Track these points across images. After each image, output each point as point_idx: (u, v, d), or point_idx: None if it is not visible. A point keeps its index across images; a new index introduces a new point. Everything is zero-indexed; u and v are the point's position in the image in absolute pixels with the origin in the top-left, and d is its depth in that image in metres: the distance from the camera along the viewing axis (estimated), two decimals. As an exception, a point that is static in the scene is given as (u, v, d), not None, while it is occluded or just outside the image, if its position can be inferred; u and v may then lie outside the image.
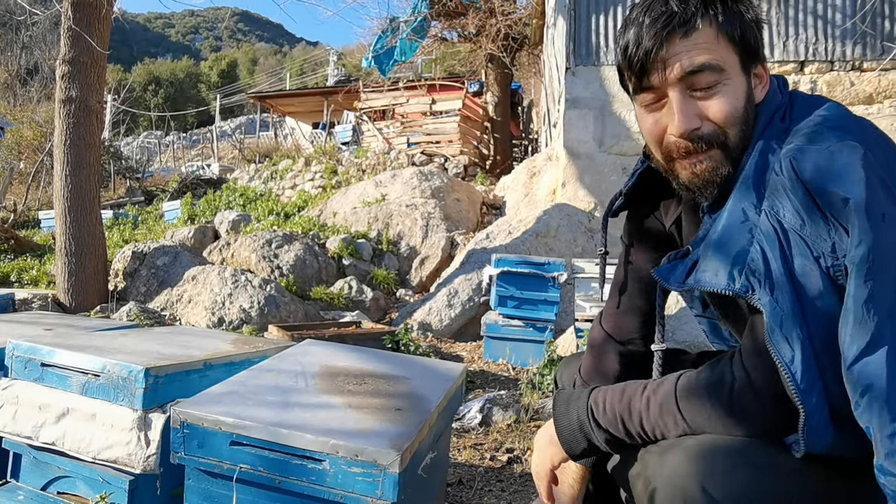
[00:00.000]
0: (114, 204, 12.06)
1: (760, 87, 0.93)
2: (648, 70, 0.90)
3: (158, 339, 1.75)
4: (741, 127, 0.89)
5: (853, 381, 0.72)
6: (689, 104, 0.89)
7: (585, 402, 0.96)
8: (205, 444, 1.17)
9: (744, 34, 0.89)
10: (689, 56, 0.87)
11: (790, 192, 0.79)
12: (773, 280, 0.78)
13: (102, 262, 4.79)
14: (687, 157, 0.91)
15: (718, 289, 0.82)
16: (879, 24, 5.30)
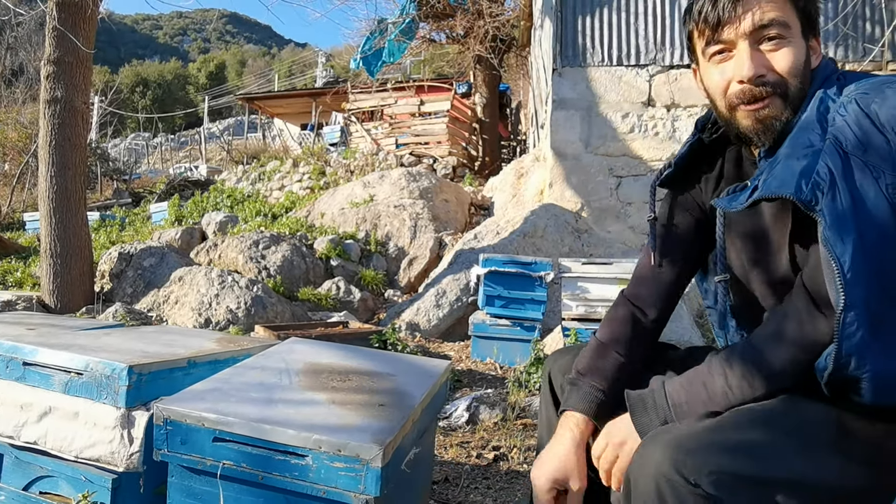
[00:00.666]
0: (101, 206, 11.97)
1: (815, 56, 1.03)
2: (723, 23, 0.99)
3: (143, 338, 1.75)
4: (801, 80, 0.99)
5: None
6: (757, 54, 0.98)
7: (662, 391, 0.98)
8: (188, 441, 1.17)
9: (807, 4, 1.01)
10: (762, 11, 0.97)
11: (853, 125, 0.88)
12: (835, 191, 0.84)
13: (88, 263, 4.76)
14: (750, 103, 0.99)
15: (787, 194, 0.87)
16: (860, 26, 5.38)
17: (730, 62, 1.01)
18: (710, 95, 1.06)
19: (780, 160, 0.93)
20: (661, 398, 0.97)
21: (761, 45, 0.98)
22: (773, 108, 0.98)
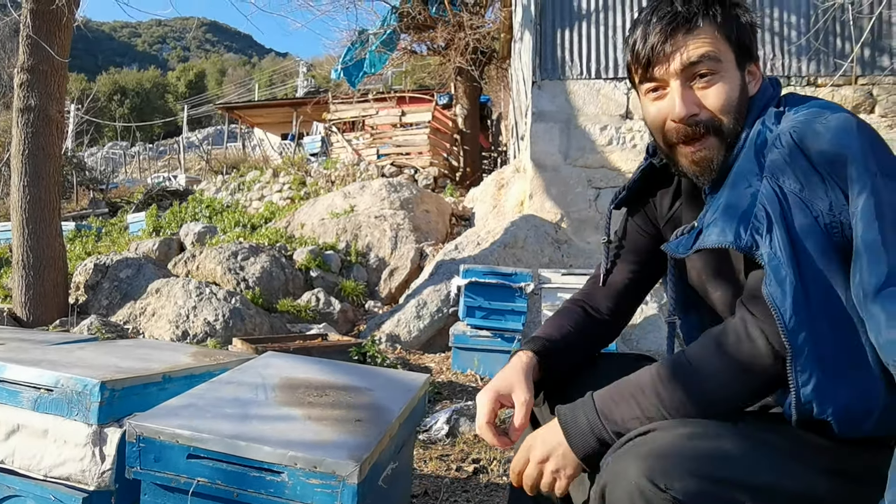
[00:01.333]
0: (76, 216, 11.78)
1: (754, 83, 1.04)
2: (654, 62, 1.00)
3: (117, 353, 1.72)
4: (735, 115, 0.99)
5: (875, 316, 0.77)
6: (688, 92, 0.99)
7: (592, 404, 0.95)
8: (161, 458, 1.15)
9: (739, 34, 1.00)
10: (691, 49, 0.98)
11: (789, 160, 0.88)
12: (773, 236, 0.85)
13: (62, 274, 4.67)
14: (686, 143, 1.01)
15: (726, 244, 0.88)
16: (832, 41, 5.51)
17: (665, 100, 1.01)
18: (650, 129, 1.07)
19: (722, 202, 0.93)
20: (592, 413, 0.94)
21: (694, 82, 0.99)
22: (708, 149, 0.99)
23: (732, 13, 1.00)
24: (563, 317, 1.24)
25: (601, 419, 0.92)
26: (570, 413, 0.96)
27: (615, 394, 0.94)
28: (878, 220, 0.80)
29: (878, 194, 0.81)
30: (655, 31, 0.99)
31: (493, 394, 1.08)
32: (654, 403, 0.90)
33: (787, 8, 5.58)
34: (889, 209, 0.81)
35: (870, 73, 5.49)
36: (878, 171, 0.83)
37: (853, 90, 5.50)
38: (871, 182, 0.82)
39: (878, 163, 0.84)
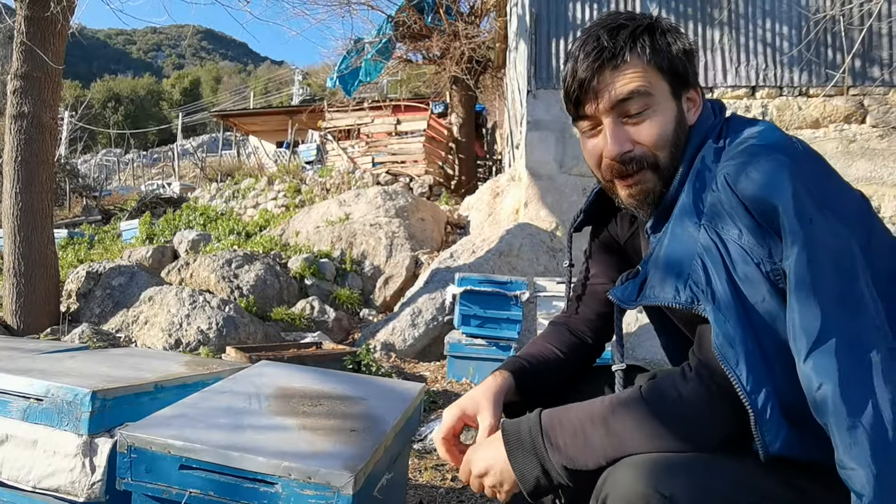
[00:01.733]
0: (69, 223, 11.72)
1: (693, 110, 1.00)
2: (583, 100, 0.98)
3: (108, 362, 1.70)
4: (671, 149, 0.96)
5: (807, 377, 0.74)
6: (620, 130, 0.96)
7: (538, 423, 0.91)
8: (153, 469, 1.13)
9: (671, 63, 0.96)
10: (619, 85, 0.94)
11: (726, 205, 0.84)
12: (713, 289, 0.82)
13: (54, 282, 4.63)
14: (622, 178, 0.98)
15: (666, 303, 0.86)
16: (823, 52, 5.57)
17: (598, 137, 0.99)
18: (588, 165, 1.04)
19: (662, 253, 0.90)
20: (537, 434, 0.90)
21: (626, 118, 0.96)
22: (644, 183, 0.97)
23: (663, 42, 0.96)
24: (545, 338, 1.24)
25: (545, 441, 0.89)
26: (513, 430, 0.93)
27: (564, 419, 0.89)
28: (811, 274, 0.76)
29: (811, 244, 0.77)
30: (583, 67, 0.96)
31: (459, 412, 1.07)
32: (601, 441, 0.85)
33: (779, 19, 5.63)
34: (825, 255, 0.77)
35: (861, 84, 5.55)
36: (814, 215, 0.78)
37: (844, 100, 5.54)
38: (804, 232, 0.77)
39: (815, 203, 0.79)
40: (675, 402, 0.84)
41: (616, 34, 0.96)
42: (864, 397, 0.71)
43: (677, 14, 5.74)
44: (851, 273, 0.77)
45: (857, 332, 0.74)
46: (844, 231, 0.80)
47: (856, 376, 0.72)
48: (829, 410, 0.72)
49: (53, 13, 4.37)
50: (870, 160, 5.46)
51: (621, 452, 0.84)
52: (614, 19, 0.99)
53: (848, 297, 0.76)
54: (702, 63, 5.69)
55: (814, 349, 0.73)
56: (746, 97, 5.67)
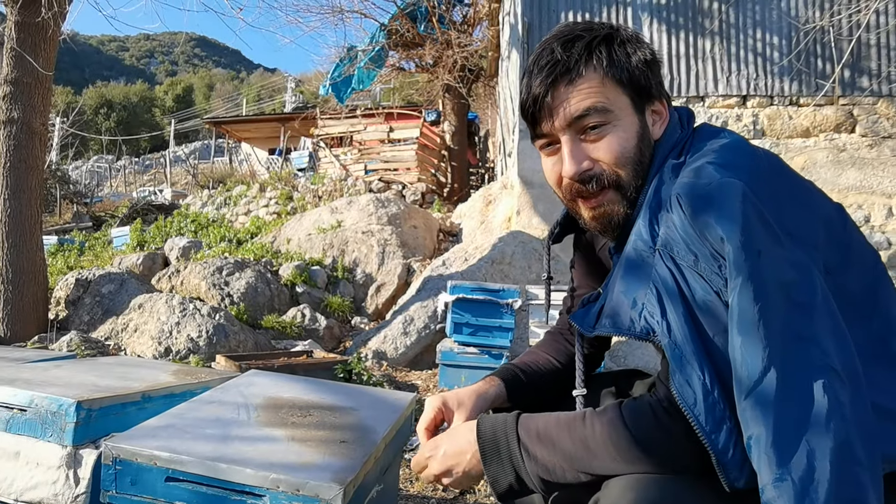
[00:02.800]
0: (59, 229, 11.63)
1: (660, 123, 0.95)
2: (539, 118, 0.93)
3: (95, 371, 1.68)
4: (634, 166, 0.90)
5: (742, 419, 0.70)
6: (577, 148, 0.91)
7: (514, 429, 0.88)
8: (138, 481, 1.11)
9: (632, 76, 0.91)
10: (574, 102, 0.89)
11: (680, 229, 0.78)
12: (668, 321, 0.77)
13: (43, 289, 4.58)
14: (584, 199, 0.94)
15: (620, 333, 0.82)
16: (813, 62, 5.62)
17: (557, 155, 0.94)
18: (549, 184, 1.00)
19: (617, 280, 0.86)
20: (514, 444, 0.87)
21: (584, 135, 0.90)
22: (607, 205, 0.92)
23: (622, 53, 0.91)
24: (541, 347, 1.23)
25: (521, 451, 0.86)
26: (489, 432, 0.89)
27: (542, 431, 0.86)
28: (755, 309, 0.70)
29: (756, 278, 0.71)
30: (536, 82, 0.91)
31: (440, 402, 1.05)
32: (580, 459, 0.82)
33: (770, 29, 5.68)
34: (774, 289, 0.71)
35: (850, 94, 5.60)
36: (764, 246, 0.72)
37: (834, 110, 5.59)
38: (748, 265, 0.71)
39: (768, 232, 0.73)
40: (653, 429, 0.80)
41: (571, 46, 0.91)
42: (797, 447, 0.65)
43: (668, 24, 5.79)
44: (807, 307, 0.71)
45: (803, 372, 0.68)
46: (804, 258, 0.74)
47: (792, 424, 0.66)
48: (759, 457, 0.67)
49: (45, 19, 4.34)
50: (860, 169, 5.50)
51: (599, 472, 0.82)
52: (571, 30, 0.94)
53: (796, 335, 0.70)
54: (693, 72, 5.73)
55: (753, 390, 0.68)
56: (738, 106, 5.71)
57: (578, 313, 0.95)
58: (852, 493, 0.64)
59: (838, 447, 0.65)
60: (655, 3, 5.80)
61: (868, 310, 0.81)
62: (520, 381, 1.13)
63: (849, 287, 0.79)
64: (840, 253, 0.81)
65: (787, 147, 5.63)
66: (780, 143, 5.64)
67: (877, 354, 0.78)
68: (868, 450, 0.66)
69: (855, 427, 0.66)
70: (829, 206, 0.86)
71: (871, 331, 0.79)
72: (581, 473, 0.83)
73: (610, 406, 0.85)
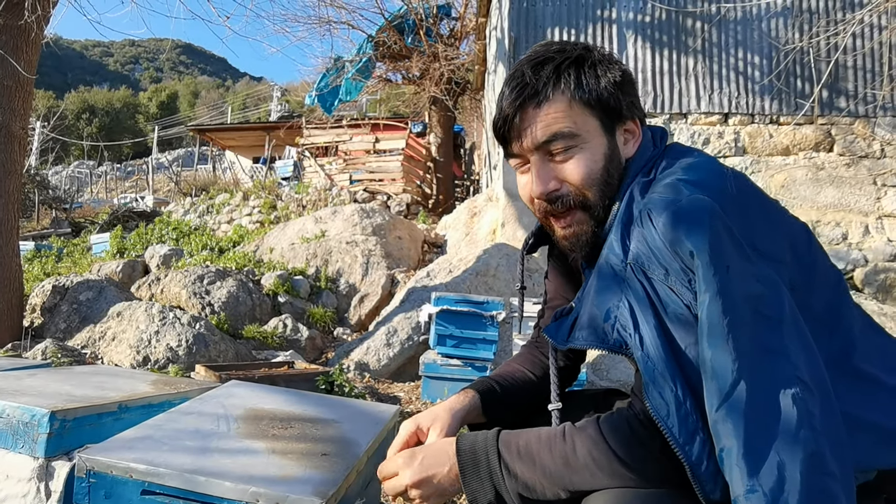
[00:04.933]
0: (36, 235, 11.43)
1: (633, 141, 0.96)
2: (509, 138, 0.95)
3: (71, 380, 1.64)
4: (601, 187, 0.92)
5: (714, 431, 0.70)
6: (545, 169, 0.93)
7: (495, 446, 0.87)
8: (113, 494, 1.08)
9: (600, 98, 0.92)
10: (540, 126, 0.91)
11: (650, 243, 0.80)
12: (640, 334, 0.77)
13: (18, 295, 4.49)
14: (555, 218, 0.96)
15: (593, 346, 0.83)
16: (793, 82, 5.73)
17: (529, 174, 0.96)
18: (523, 200, 1.03)
19: (590, 294, 0.87)
20: (495, 461, 0.86)
21: (552, 157, 0.93)
22: (576, 225, 0.94)
23: (591, 75, 0.93)
24: (517, 360, 1.23)
25: (501, 468, 0.85)
26: (468, 449, 0.88)
27: (523, 448, 0.85)
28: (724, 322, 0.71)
29: (724, 293, 0.72)
30: (506, 103, 0.94)
31: (414, 426, 1.04)
32: (560, 476, 0.82)
33: (751, 49, 5.79)
34: (742, 303, 0.72)
35: (828, 114, 5.71)
36: (732, 261, 0.74)
37: (813, 129, 5.70)
38: (717, 279, 0.72)
39: (736, 248, 0.75)
40: (630, 443, 0.80)
41: (540, 69, 0.93)
42: (767, 458, 0.66)
43: (653, 41, 5.87)
44: (775, 321, 0.72)
45: (773, 384, 0.68)
46: (771, 274, 0.75)
47: (762, 435, 0.67)
48: (731, 469, 0.67)
49: (27, 22, 4.29)
50: (837, 188, 5.60)
51: (579, 488, 0.82)
52: (543, 52, 0.95)
53: (765, 348, 0.70)
54: (676, 89, 5.81)
55: (724, 402, 0.69)
56: (720, 123, 5.79)
57: (551, 327, 0.95)
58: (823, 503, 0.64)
59: (808, 457, 0.65)
60: (640, 20, 5.89)
61: (830, 327, 0.83)
62: (495, 393, 1.12)
63: (812, 305, 0.80)
64: (804, 272, 0.83)
65: (768, 164, 5.72)
66: (761, 160, 5.73)
67: (839, 369, 0.79)
68: (839, 460, 0.67)
69: (825, 438, 0.67)
70: (796, 226, 0.88)
71: (833, 347, 0.81)
72: (561, 490, 0.83)
73: (588, 421, 0.85)
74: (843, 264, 5.41)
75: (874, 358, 0.84)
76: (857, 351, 0.83)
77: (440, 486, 0.89)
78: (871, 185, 5.58)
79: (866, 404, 0.79)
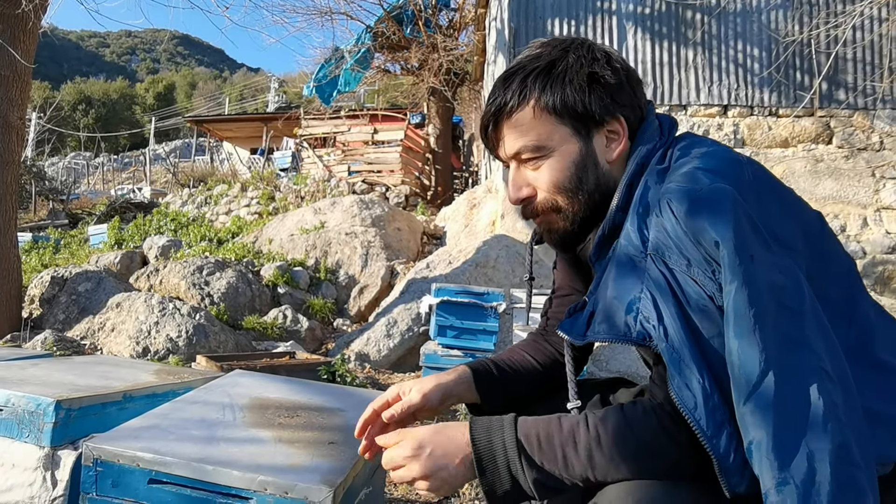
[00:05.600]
0: (34, 226, 11.40)
1: (617, 141, 0.95)
2: (491, 148, 1.01)
3: (74, 370, 1.64)
4: (571, 192, 0.95)
5: (742, 423, 0.70)
6: (520, 176, 0.98)
7: (514, 436, 0.85)
8: (120, 483, 1.09)
9: (566, 105, 0.92)
10: (510, 140, 0.97)
11: (671, 234, 0.79)
12: (665, 325, 0.76)
13: (16, 287, 4.48)
14: (533, 218, 1.01)
15: (615, 340, 0.81)
16: (792, 74, 5.72)
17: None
18: None
19: (609, 286, 0.86)
20: (514, 454, 0.83)
21: (525, 164, 0.97)
22: (550, 224, 0.98)
23: (558, 84, 0.92)
24: (521, 346, 1.23)
25: (521, 460, 0.83)
26: (485, 440, 0.86)
27: (543, 439, 0.83)
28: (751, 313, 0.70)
29: (751, 283, 0.71)
30: (484, 117, 0.99)
31: (397, 389, 1.04)
32: (582, 468, 0.81)
33: (751, 41, 5.77)
34: (767, 294, 0.71)
35: (828, 106, 5.71)
36: (756, 250, 0.73)
37: (812, 122, 5.70)
38: (743, 268, 0.72)
39: (758, 236, 0.75)
40: (658, 434, 0.79)
41: (510, 83, 0.95)
42: (797, 450, 0.66)
43: (653, 33, 5.85)
44: (797, 312, 0.72)
45: (799, 376, 0.69)
46: (791, 264, 0.75)
47: (791, 427, 0.67)
48: (760, 462, 0.67)
49: (25, 11, 4.26)
50: (836, 180, 5.60)
51: (602, 479, 0.80)
52: (516, 63, 0.98)
53: (790, 339, 0.70)
54: (676, 81, 5.80)
55: (752, 394, 0.68)
56: (719, 115, 5.78)
57: (565, 323, 0.94)
58: (852, 496, 0.64)
59: (836, 449, 0.65)
60: (640, 12, 5.86)
61: (847, 316, 0.82)
62: (491, 374, 1.12)
63: (829, 294, 0.80)
64: (819, 260, 0.82)
65: (767, 157, 5.72)
66: (760, 152, 5.73)
67: (858, 359, 0.79)
68: (863, 451, 0.67)
69: (850, 429, 0.67)
70: (810, 214, 0.88)
71: (851, 337, 0.81)
72: (582, 481, 0.82)
73: (610, 411, 0.83)
74: (842, 256, 5.42)
75: (892, 346, 0.84)
76: (875, 340, 0.83)
77: (451, 477, 0.86)
78: (869, 178, 5.58)
79: (885, 396, 0.79)
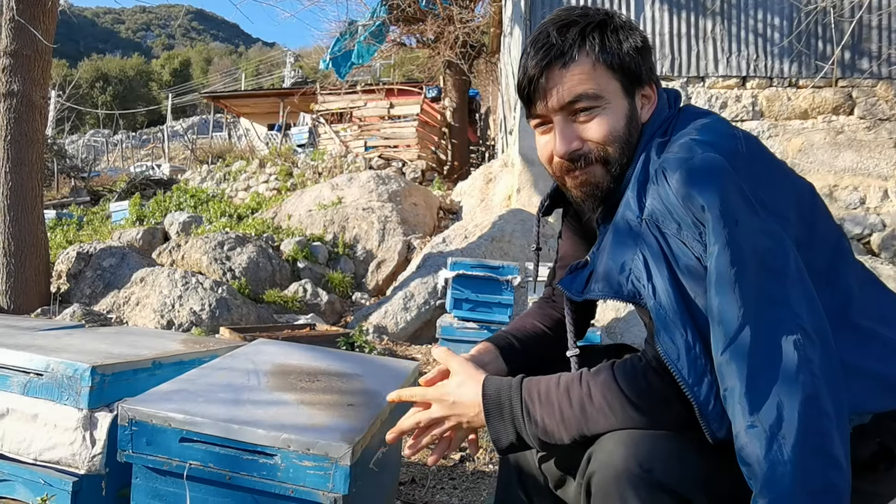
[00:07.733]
0: (57, 204, 11.61)
1: (648, 106, 1.00)
2: (534, 98, 0.98)
3: (105, 339, 1.72)
4: (622, 144, 0.96)
5: (720, 371, 0.76)
6: (568, 128, 0.97)
7: (519, 395, 0.93)
8: (153, 442, 1.16)
9: (622, 62, 0.96)
10: (566, 87, 0.95)
11: (664, 200, 0.85)
12: (654, 284, 0.83)
13: (44, 262, 4.62)
14: (572, 174, 0.99)
15: (608, 297, 0.88)
16: (813, 44, 5.60)
17: (550, 135, 1.00)
18: (542, 161, 1.06)
19: (606, 247, 0.92)
20: (518, 408, 0.92)
21: (575, 117, 0.96)
22: (591, 175, 0.98)
23: (614, 40, 0.96)
24: (530, 314, 1.28)
25: (523, 414, 0.91)
26: (493, 394, 0.94)
27: (543, 395, 0.91)
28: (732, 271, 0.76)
29: (733, 244, 0.77)
30: (532, 64, 0.97)
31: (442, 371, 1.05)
32: (577, 422, 0.88)
33: (771, 10, 5.65)
34: (750, 254, 0.77)
35: (849, 76, 5.59)
36: (741, 216, 0.79)
37: (833, 92, 5.59)
38: (726, 231, 0.78)
39: (745, 203, 0.80)
40: (643, 387, 0.86)
41: (566, 32, 0.96)
42: (767, 397, 0.72)
43: (670, 3, 5.75)
44: (779, 272, 0.77)
45: (775, 331, 0.74)
46: (778, 230, 0.81)
47: (763, 377, 0.73)
48: (733, 407, 0.74)
49: (43, -10, 4.31)
50: (856, 151, 5.52)
51: (594, 432, 0.87)
52: (567, 15, 0.98)
53: (769, 298, 0.76)
54: (694, 52, 5.71)
55: (729, 346, 0.75)
56: (737, 87, 5.70)
57: (566, 279, 1.00)
58: (818, 441, 0.70)
59: (805, 399, 0.71)
60: (659, -20, 5.76)
61: (829, 284, 0.88)
62: (514, 347, 1.18)
63: (814, 262, 0.85)
64: (807, 230, 0.87)
65: (785, 128, 5.64)
66: (779, 124, 5.65)
67: (839, 323, 0.85)
68: (836, 403, 0.73)
69: (824, 382, 0.73)
70: (801, 186, 0.93)
71: (834, 303, 0.86)
72: (578, 435, 0.89)
73: (603, 367, 0.91)
74: (861, 229, 5.37)
75: (871, 312, 0.90)
76: (853, 307, 0.89)
77: (467, 422, 0.97)
78: (891, 149, 5.48)
79: (862, 353, 0.85)
